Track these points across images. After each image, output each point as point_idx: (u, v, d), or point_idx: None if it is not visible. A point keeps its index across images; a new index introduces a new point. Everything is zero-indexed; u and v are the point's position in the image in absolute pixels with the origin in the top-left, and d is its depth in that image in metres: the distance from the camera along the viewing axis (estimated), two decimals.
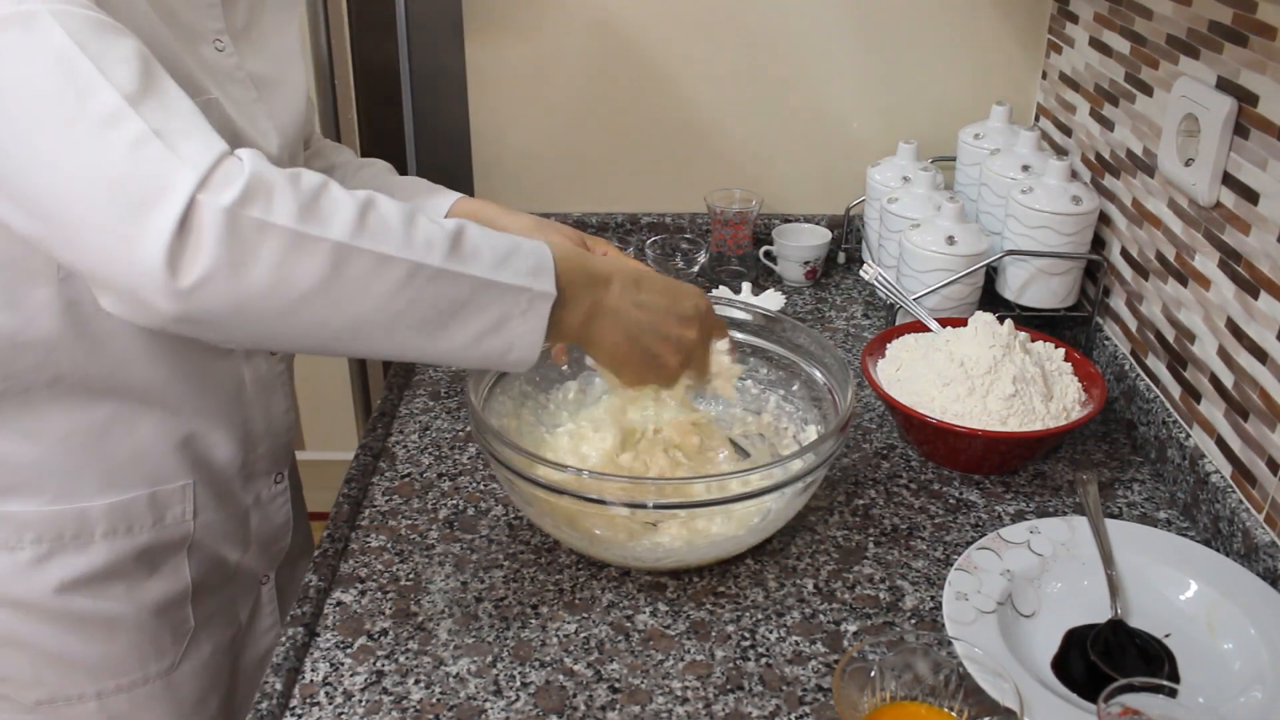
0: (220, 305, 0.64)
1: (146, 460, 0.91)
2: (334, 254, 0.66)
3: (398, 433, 1.14)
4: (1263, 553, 0.90)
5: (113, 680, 0.94)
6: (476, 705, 0.80)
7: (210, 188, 0.63)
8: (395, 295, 0.69)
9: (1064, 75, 1.42)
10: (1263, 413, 0.94)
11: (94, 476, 0.89)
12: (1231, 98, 0.98)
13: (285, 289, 0.65)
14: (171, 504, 0.93)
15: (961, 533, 0.99)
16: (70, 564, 0.89)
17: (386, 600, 0.90)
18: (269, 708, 0.79)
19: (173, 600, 0.96)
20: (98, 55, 0.65)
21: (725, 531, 0.91)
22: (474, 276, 0.71)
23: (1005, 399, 1.02)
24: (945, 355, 1.07)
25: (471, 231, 0.73)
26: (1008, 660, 0.80)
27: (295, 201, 0.65)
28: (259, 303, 0.65)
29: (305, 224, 0.65)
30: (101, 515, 0.90)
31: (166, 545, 0.94)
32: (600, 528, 0.90)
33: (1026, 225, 1.24)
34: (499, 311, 0.73)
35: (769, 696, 0.81)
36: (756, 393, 1.10)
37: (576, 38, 1.51)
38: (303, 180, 0.67)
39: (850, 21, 1.49)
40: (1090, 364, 1.10)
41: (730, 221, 1.49)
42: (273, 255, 0.64)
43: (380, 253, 0.67)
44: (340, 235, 0.66)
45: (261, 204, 0.64)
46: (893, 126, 1.54)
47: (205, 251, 0.62)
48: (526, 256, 0.75)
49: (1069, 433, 1.05)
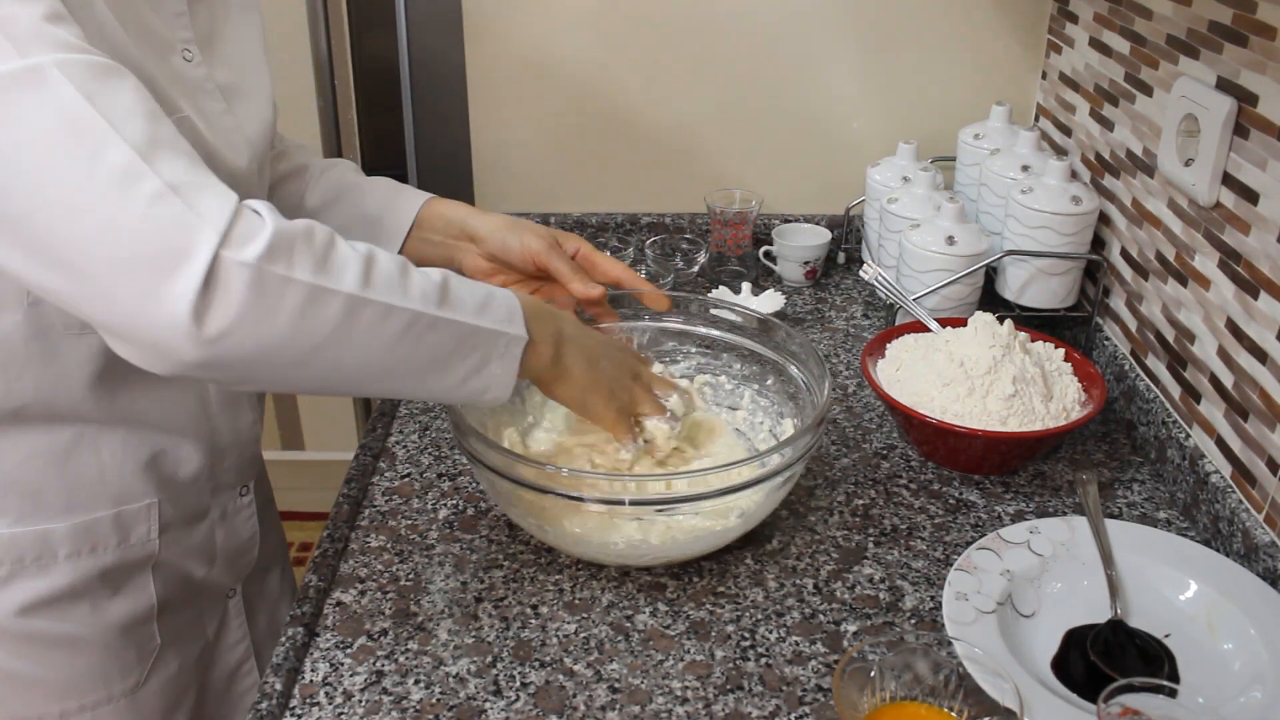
0: (243, 354, 0.68)
1: (111, 480, 0.89)
2: (348, 305, 0.70)
3: (398, 433, 1.14)
4: (1263, 553, 0.90)
5: (76, 700, 0.92)
6: (476, 705, 0.80)
7: (232, 243, 0.65)
8: (399, 342, 0.74)
9: (1064, 75, 1.42)
10: (1262, 413, 0.94)
11: (57, 498, 0.87)
12: (1231, 98, 0.98)
13: (304, 338, 0.69)
14: (136, 523, 0.92)
15: (961, 533, 0.99)
16: (32, 586, 0.88)
17: (386, 600, 0.90)
18: (269, 708, 0.79)
19: (137, 619, 0.94)
20: (106, 108, 0.66)
21: (706, 526, 0.91)
22: (462, 323, 0.77)
23: (1005, 399, 1.02)
24: (945, 355, 1.07)
25: (453, 281, 0.79)
26: (1008, 660, 0.80)
27: (312, 256, 0.69)
28: (278, 352, 0.69)
29: (322, 277, 0.69)
30: (65, 537, 0.88)
31: (131, 564, 0.93)
32: (579, 525, 0.90)
33: (1026, 225, 1.24)
34: (481, 355, 0.79)
35: (769, 696, 0.81)
36: (730, 388, 1.11)
37: (577, 37, 1.51)
38: (316, 235, 0.70)
39: (850, 21, 1.49)
40: (1090, 364, 1.10)
41: (730, 221, 1.49)
42: (294, 307, 0.68)
43: (387, 303, 0.72)
44: (352, 287, 0.70)
45: (284, 260, 0.67)
46: (893, 126, 1.54)
47: (233, 305, 0.66)
48: (500, 304, 0.81)
49: (1069, 433, 1.05)
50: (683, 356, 1.13)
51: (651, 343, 1.13)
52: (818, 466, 1.09)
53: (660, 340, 1.13)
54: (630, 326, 1.12)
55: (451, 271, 0.81)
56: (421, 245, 1.06)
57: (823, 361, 0.99)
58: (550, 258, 1.02)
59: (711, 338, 1.11)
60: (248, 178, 0.89)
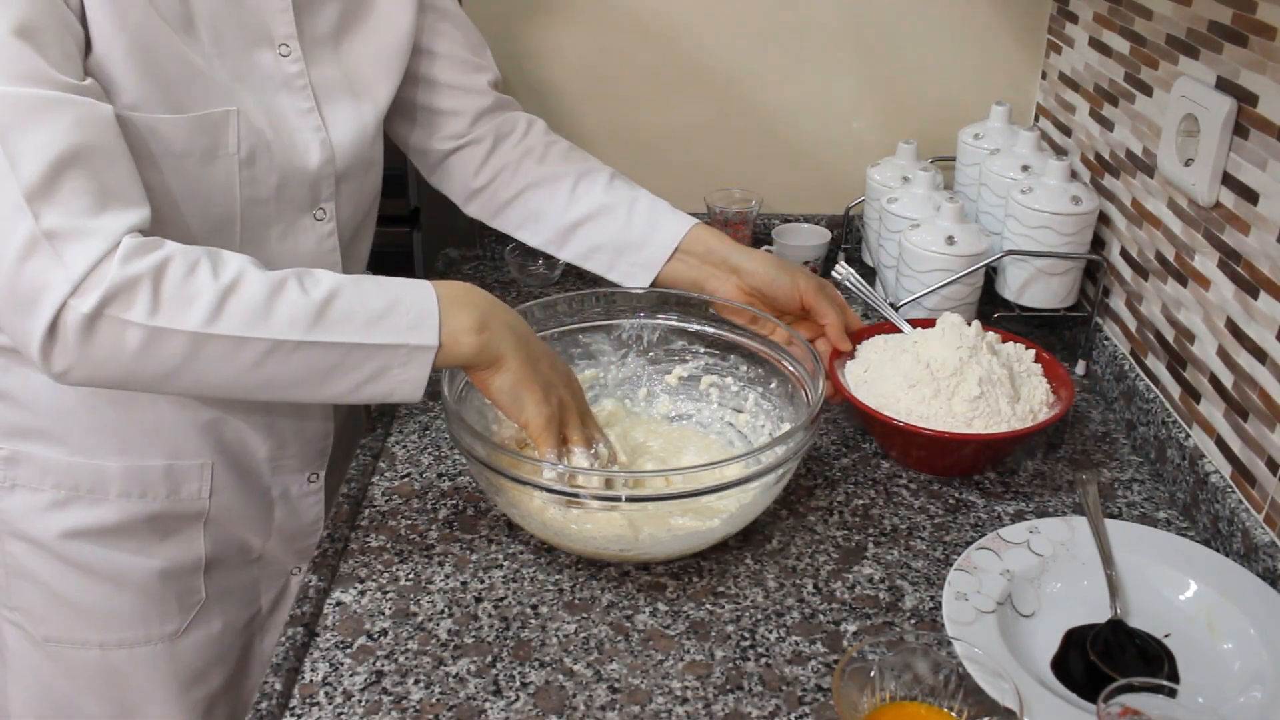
0: (97, 382, 0.76)
1: (167, 434, 0.94)
2: (190, 342, 0.75)
3: (398, 433, 1.14)
4: (1262, 553, 0.90)
5: (115, 634, 0.97)
6: (476, 705, 0.80)
7: (80, 292, 0.72)
8: (257, 368, 0.77)
9: (1064, 75, 1.42)
10: (1262, 413, 0.94)
11: (113, 438, 0.92)
12: (1231, 98, 0.98)
13: (150, 371, 0.75)
14: (188, 479, 0.95)
15: (961, 533, 0.99)
16: (82, 515, 0.93)
17: (386, 600, 0.90)
18: (269, 708, 0.79)
19: (183, 568, 0.98)
20: (14, 146, 0.71)
21: (696, 525, 0.91)
22: (340, 343, 0.79)
23: (970, 401, 1.02)
24: (912, 357, 1.06)
25: (345, 297, 0.80)
26: (1007, 660, 0.80)
27: (153, 298, 0.73)
28: (129, 381, 0.76)
29: (160, 318, 0.74)
30: (117, 476, 0.93)
31: (180, 516, 0.97)
32: (575, 522, 0.90)
33: (1026, 225, 1.24)
34: (374, 366, 0.81)
35: (769, 696, 0.81)
36: (736, 390, 1.11)
37: (576, 37, 1.51)
38: (168, 273, 0.74)
39: (850, 21, 1.49)
40: (1060, 365, 1.09)
41: (730, 221, 1.49)
42: (133, 348, 0.74)
43: (236, 336, 0.76)
44: (195, 325, 0.75)
45: (122, 304, 0.72)
46: (893, 126, 1.54)
47: (70, 349, 0.73)
48: (405, 313, 0.81)
49: (1036, 434, 1.03)
50: (691, 356, 1.13)
51: (661, 341, 1.13)
52: (817, 466, 1.09)
53: (670, 339, 1.13)
54: (639, 324, 1.12)
55: (367, 277, 0.82)
56: (677, 266, 1.09)
57: (818, 360, 0.99)
58: (819, 300, 1.06)
59: (720, 338, 1.11)
60: (319, 177, 0.93)
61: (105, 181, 0.74)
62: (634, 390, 1.14)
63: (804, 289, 1.06)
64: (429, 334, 0.81)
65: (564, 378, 0.92)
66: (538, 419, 0.88)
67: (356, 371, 0.80)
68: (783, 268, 1.07)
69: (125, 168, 0.77)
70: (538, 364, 0.88)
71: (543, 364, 0.89)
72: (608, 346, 1.13)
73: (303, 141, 0.90)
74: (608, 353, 1.13)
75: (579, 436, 0.91)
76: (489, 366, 0.86)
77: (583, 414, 0.93)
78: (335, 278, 0.81)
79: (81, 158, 0.73)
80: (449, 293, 0.84)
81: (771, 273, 1.06)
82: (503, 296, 1.48)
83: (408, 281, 0.84)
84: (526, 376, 0.87)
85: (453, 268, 1.57)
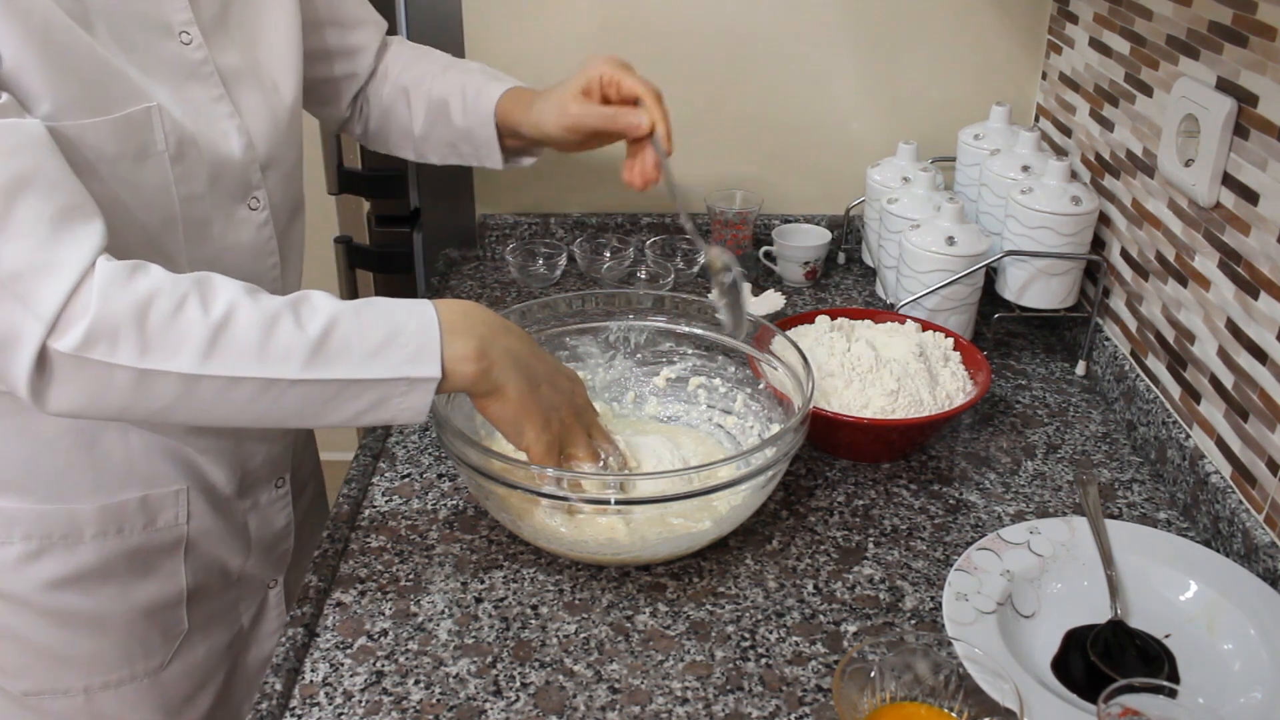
0: (93, 415, 0.75)
1: (138, 465, 0.91)
2: (182, 383, 0.73)
3: (398, 433, 1.14)
4: (1263, 553, 0.90)
5: (100, 677, 0.94)
6: (476, 706, 0.80)
7: (58, 333, 0.69)
8: (252, 404, 0.75)
9: (1064, 76, 1.42)
10: (1262, 413, 0.94)
11: (84, 478, 0.89)
12: (1231, 98, 0.98)
13: (145, 407, 0.73)
14: (164, 507, 0.93)
15: (961, 533, 0.99)
16: (60, 562, 0.90)
17: (386, 600, 0.90)
18: (269, 708, 0.79)
19: (166, 602, 0.96)
20: None
21: (687, 525, 0.91)
22: (337, 380, 0.76)
23: (888, 394, 1.06)
24: (826, 350, 1.11)
25: (342, 329, 0.77)
26: (1007, 661, 0.80)
27: (139, 339, 0.71)
28: (126, 415, 0.74)
29: (149, 360, 0.71)
30: (91, 517, 0.90)
31: (159, 548, 0.94)
32: (566, 525, 0.90)
33: (1026, 226, 1.24)
34: (374, 398, 0.78)
35: (769, 697, 0.81)
36: (724, 391, 1.11)
37: (576, 37, 1.51)
38: (152, 311, 0.71)
39: (850, 22, 1.49)
40: (977, 351, 1.13)
41: (730, 222, 1.49)
42: (123, 388, 0.72)
43: (229, 376, 0.73)
44: (186, 367, 0.72)
45: (106, 346, 0.70)
46: (893, 127, 1.54)
47: (64, 388, 0.71)
48: (405, 344, 0.79)
49: (951, 419, 1.08)
50: (679, 357, 1.13)
51: (649, 343, 1.13)
52: (817, 466, 1.09)
53: (658, 340, 1.13)
54: (629, 326, 1.12)
55: (367, 303, 0.80)
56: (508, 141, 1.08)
57: (809, 362, 0.99)
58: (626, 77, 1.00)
59: (709, 339, 1.11)
60: (245, 166, 0.89)
61: (57, 203, 0.70)
62: (622, 394, 1.14)
63: (606, 74, 0.99)
64: (431, 366, 0.79)
65: (566, 397, 0.90)
66: (538, 446, 0.87)
67: (356, 402, 0.78)
68: (580, 70, 1.00)
69: (71, 183, 0.72)
70: (538, 389, 0.86)
71: (544, 388, 0.87)
72: (595, 349, 1.13)
73: (221, 130, 0.87)
74: (595, 355, 1.13)
75: (584, 453, 0.90)
76: (488, 395, 0.84)
77: (589, 427, 0.92)
78: (333, 305, 0.78)
79: (28, 183, 0.69)
80: (449, 317, 0.81)
81: (577, 81, 1.00)
82: (503, 297, 1.49)
83: (409, 305, 0.81)
84: (527, 404, 0.85)
85: (453, 268, 1.57)
